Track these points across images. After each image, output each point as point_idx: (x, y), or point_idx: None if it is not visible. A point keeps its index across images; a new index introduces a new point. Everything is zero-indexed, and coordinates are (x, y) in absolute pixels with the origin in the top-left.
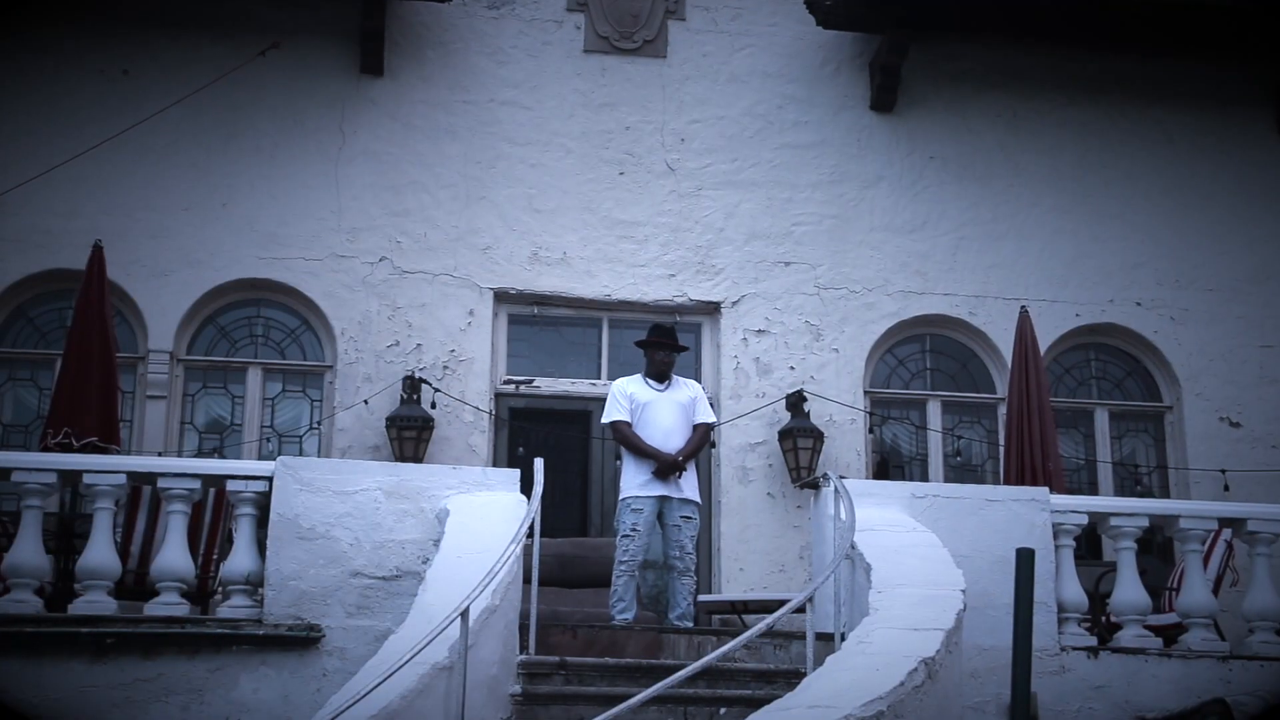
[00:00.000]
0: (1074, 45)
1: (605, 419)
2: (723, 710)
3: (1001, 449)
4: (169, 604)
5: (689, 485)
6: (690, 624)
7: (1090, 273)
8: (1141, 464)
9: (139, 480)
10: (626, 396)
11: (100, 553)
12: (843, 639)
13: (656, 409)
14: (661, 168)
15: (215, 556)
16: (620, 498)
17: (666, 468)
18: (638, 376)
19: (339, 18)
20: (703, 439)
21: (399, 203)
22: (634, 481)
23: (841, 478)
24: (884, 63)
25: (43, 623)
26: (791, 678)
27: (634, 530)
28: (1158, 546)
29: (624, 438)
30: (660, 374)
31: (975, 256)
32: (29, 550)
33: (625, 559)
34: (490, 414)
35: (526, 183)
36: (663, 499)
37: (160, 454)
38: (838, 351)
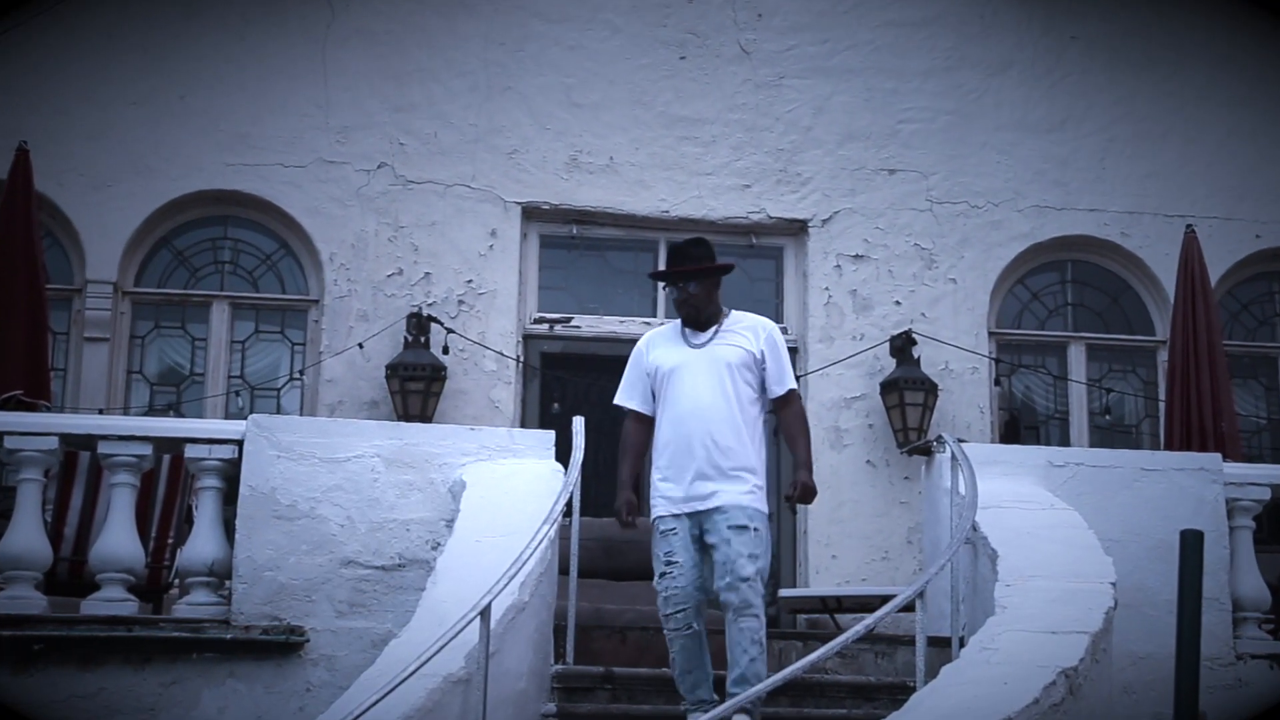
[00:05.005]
0: None
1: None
2: None
3: (1162, 405)
4: (112, 600)
5: (733, 483)
6: (754, 696)
7: (1274, 184)
8: None
9: (74, 444)
10: (642, 365)
11: (25, 536)
12: (962, 644)
13: (687, 376)
14: (733, 50)
15: (171, 541)
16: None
17: (620, 510)
18: (676, 324)
19: None
20: (804, 424)
21: (402, 95)
22: (657, 488)
23: (960, 441)
24: None
25: None
26: (897, 693)
27: (670, 564)
28: None
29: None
30: (691, 319)
31: (1128, 163)
32: None
33: (669, 610)
34: (518, 361)
35: (562, 69)
36: (697, 514)
37: (101, 411)
38: (955, 282)
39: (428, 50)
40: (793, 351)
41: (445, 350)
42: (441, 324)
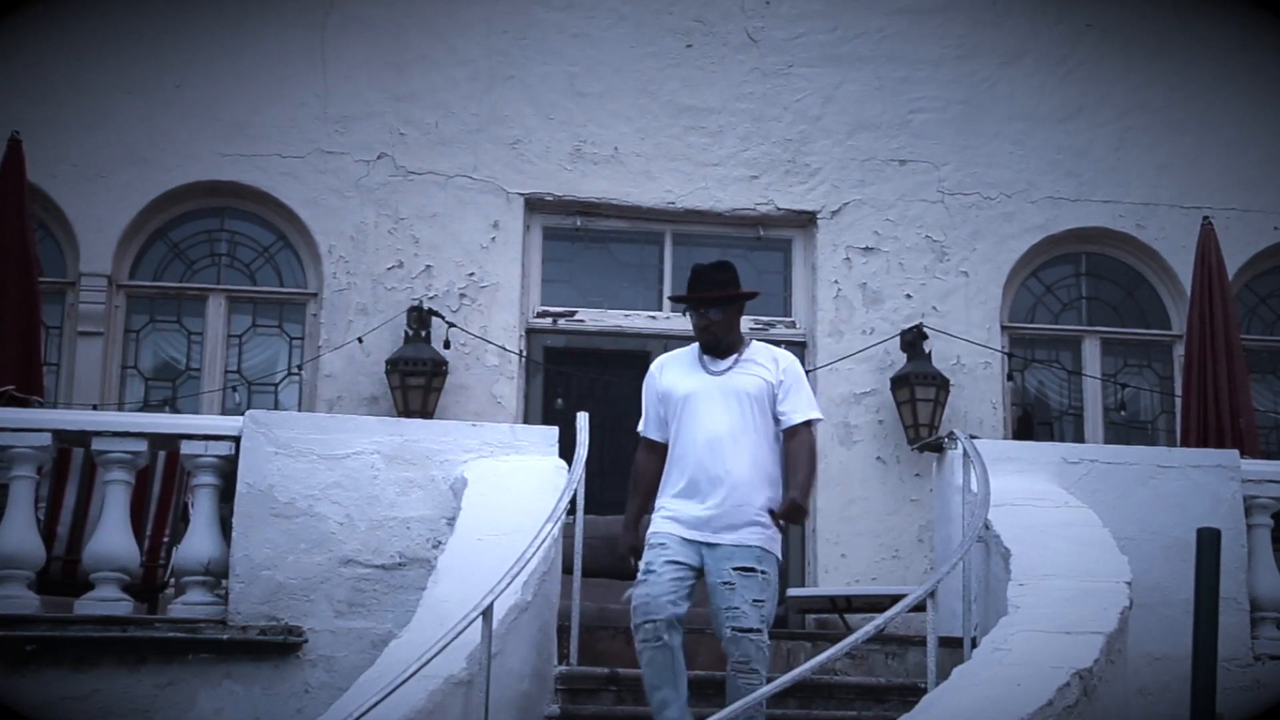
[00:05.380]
0: None
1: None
2: None
3: (1178, 401)
4: (107, 600)
5: (743, 520)
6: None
7: None
8: None
9: (68, 441)
10: (657, 391)
11: (18, 534)
12: (974, 645)
13: (702, 405)
14: (741, 38)
15: (166, 539)
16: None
17: (625, 554)
18: (693, 348)
19: None
20: (810, 455)
21: (403, 84)
22: (663, 508)
23: (973, 437)
24: None
25: None
26: (908, 695)
27: (648, 573)
28: None
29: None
30: (711, 346)
31: (1144, 153)
32: None
33: (638, 619)
34: (520, 356)
35: (567, 58)
36: (699, 544)
37: (95, 407)
38: (967, 275)
39: (429, 38)
40: (801, 346)
41: (446, 345)
42: (443, 318)
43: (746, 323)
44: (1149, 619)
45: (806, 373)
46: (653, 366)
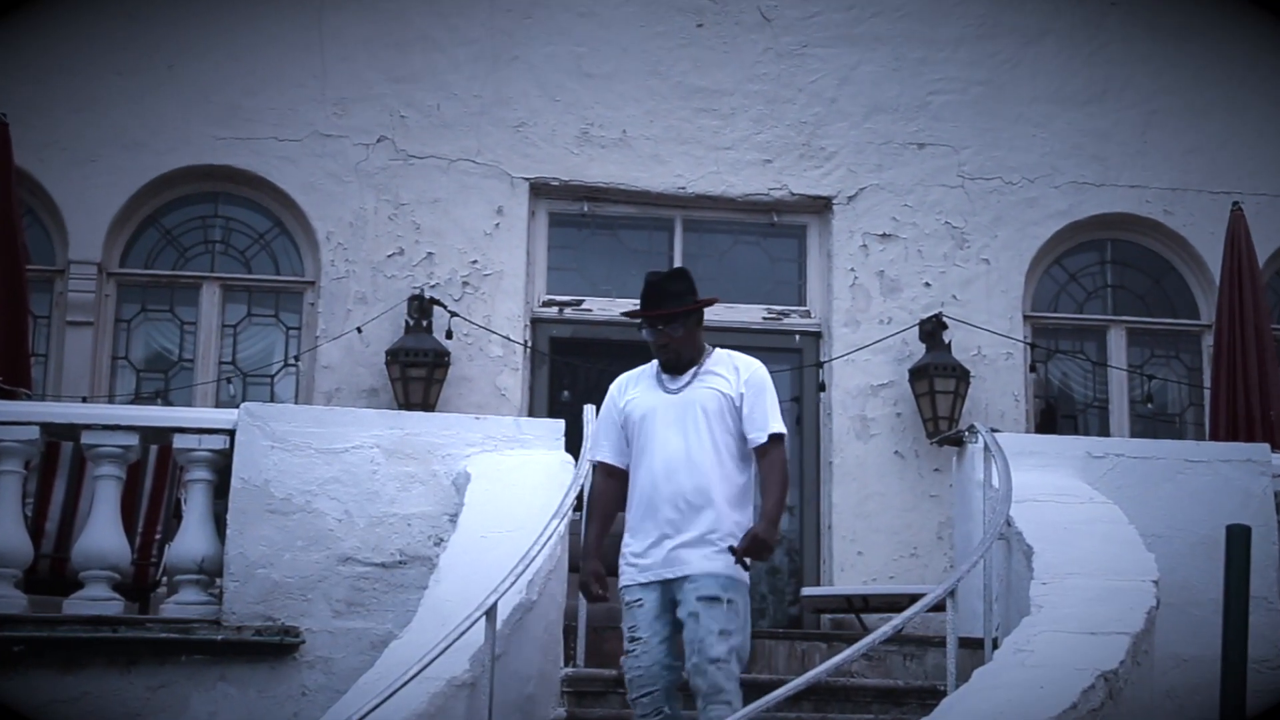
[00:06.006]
0: None
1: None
2: None
3: (1207, 393)
4: (97, 600)
5: (706, 547)
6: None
7: None
8: None
9: (56, 435)
10: (615, 410)
11: (4, 532)
12: (995, 646)
13: (659, 425)
14: (754, 17)
15: (158, 536)
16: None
17: (586, 582)
18: (654, 364)
19: None
20: (780, 477)
21: (404, 64)
22: (623, 553)
23: (994, 431)
24: None
25: None
26: (927, 697)
27: (634, 641)
28: None
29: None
30: (671, 364)
31: (1171, 136)
32: None
33: (635, 693)
34: (525, 346)
35: (573, 37)
36: (667, 581)
37: (85, 399)
38: (988, 263)
39: (430, 17)
40: (816, 336)
41: (449, 335)
42: (445, 307)
43: (759, 312)
44: (1176, 619)
45: (820, 364)
46: (613, 386)
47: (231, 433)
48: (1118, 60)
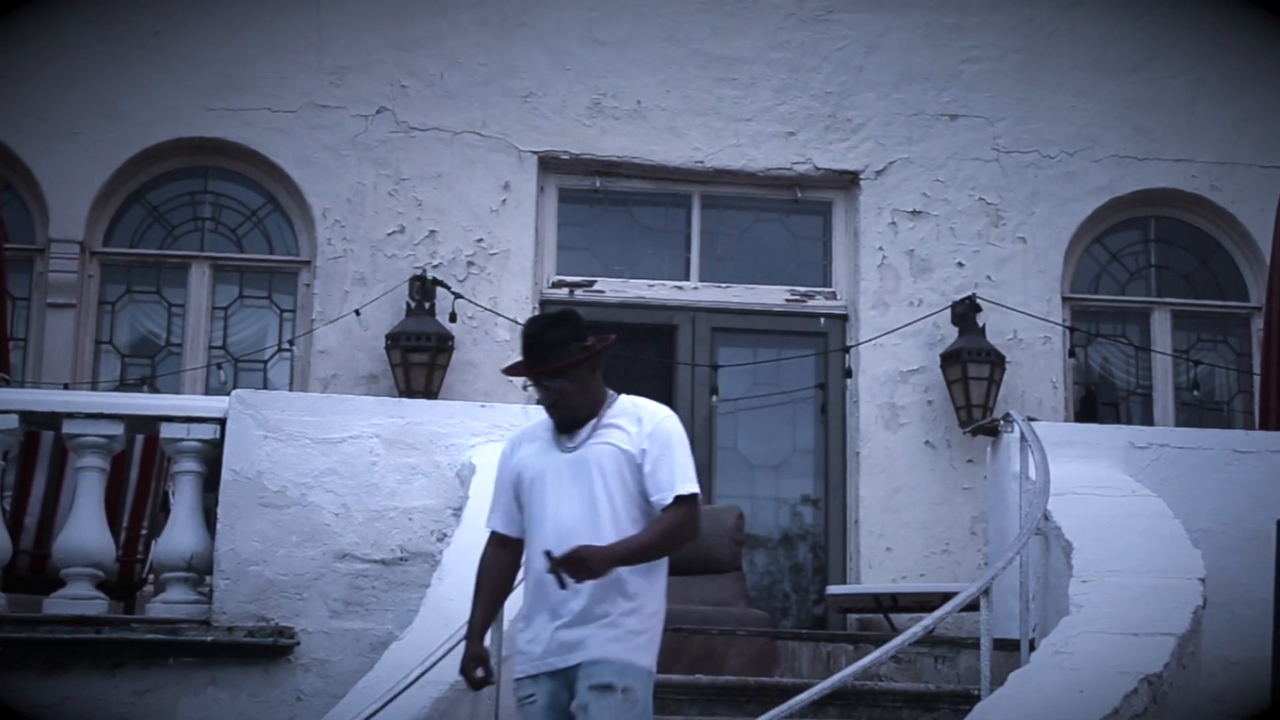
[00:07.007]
0: None
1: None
2: None
3: (1257, 379)
4: (79, 598)
5: (601, 627)
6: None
7: None
8: None
9: (36, 423)
10: (506, 472)
11: None
12: (1032, 647)
13: (550, 489)
14: None
15: (144, 532)
16: None
17: (467, 666)
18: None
19: None
20: (667, 529)
21: (404, 31)
22: (514, 639)
23: (1030, 420)
24: None
25: None
26: (959, 702)
27: None
28: None
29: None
30: (567, 423)
31: (1221, 107)
32: None
33: None
34: None
35: (585, 2)
36: (560, 671)
37: (67, 386)
38: (1025, 241)
39: None
40: (842, 319)
41: (453, 318)
42: (448, 288)
43: (782, 293)
44: (1224, 619)
45: (846, 349)
46: (505, 443)
47: (222, 421)
48: (1163, 25)
